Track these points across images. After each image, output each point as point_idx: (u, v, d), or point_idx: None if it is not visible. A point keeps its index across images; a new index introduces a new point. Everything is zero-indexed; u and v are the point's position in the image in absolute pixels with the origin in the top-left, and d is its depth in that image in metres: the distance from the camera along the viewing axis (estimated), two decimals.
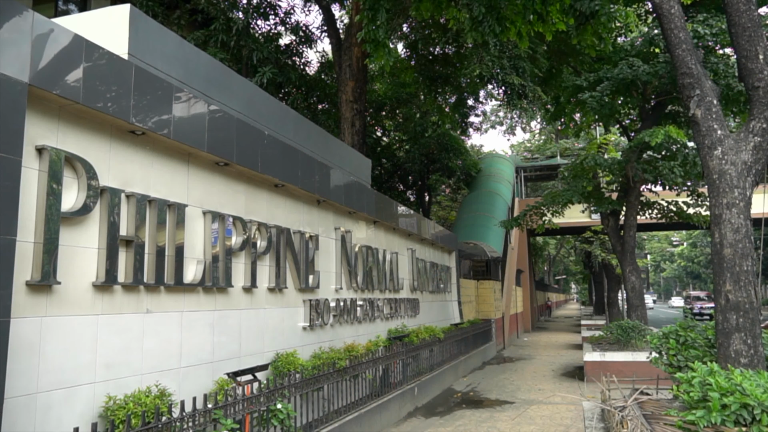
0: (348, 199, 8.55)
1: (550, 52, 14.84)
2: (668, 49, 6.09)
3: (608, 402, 5.57)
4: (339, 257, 8.35)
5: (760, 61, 5.47)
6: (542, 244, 43.31)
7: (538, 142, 38.20)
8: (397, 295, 10.63)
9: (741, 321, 5.13)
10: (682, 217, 14.98)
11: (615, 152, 16.39)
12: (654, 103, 13.58)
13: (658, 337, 6.10)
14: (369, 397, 7.68)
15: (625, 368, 10.61)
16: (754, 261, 5.34)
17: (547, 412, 8.88)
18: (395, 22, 11.67)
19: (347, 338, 8.23)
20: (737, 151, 5.48)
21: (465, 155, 23.74)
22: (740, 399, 4.12)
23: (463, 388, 11.33)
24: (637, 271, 13.69)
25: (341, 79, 14.14)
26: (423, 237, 12.60)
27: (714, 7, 12.51)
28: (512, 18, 8.67)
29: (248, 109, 6.94)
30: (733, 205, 5.36)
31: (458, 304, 15.47)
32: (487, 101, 27.11)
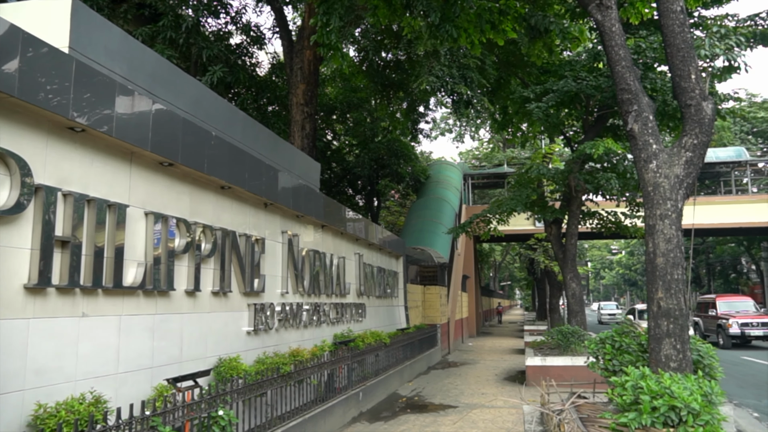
0: (296, 202, 8.49)
1: (499, 63, 15.19)
2: (609, 65, 6.35)
3: (547, 405, 5.73)
4: (286, 261, 8.27)
5: (692, 81, 5.78)
6: (488, 251, 44.15)
7: (486, 150, 38.96)
8: (343, 300, 10.61)
9: (671, 327, 5.38)
10: (619, 227, 15.59)
11: (559, 162, 16.93)
12: (596, 116, 14.09)
13: (595, 343, 6.32)
14: (313, 403, 7.62)
15: (565, 372, 10.93)
16: (684, 270, 5.62)
17: (489, 415, 9.04)
18: (347, 29, 11.69)
19: (293, 343, 8.15)
20: (671, 165, 5.76)
21: (414, 161, 23.97)
22: (669, 401, 4.32)
23: (408, 393, 11.40)
24: (578, 278, 14.14)
25: (292, 81, 14.04)
26: (371, 242, 12.64)
27: (654, 25, 13.13)
28: (465, 26, 8.85)
29: (195, 109, 6.80)
30: (665, 217, 5.63)
31: (405, 309, 15.57)
32: (438, 109, 27.52)
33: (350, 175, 22.65)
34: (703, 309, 24.10)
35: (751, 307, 22.40)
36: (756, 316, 20.93)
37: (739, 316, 21.03)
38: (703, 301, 24.86)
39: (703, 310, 24.04)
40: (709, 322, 22.73)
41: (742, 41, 10.04)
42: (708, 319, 22.97)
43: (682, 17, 5.88)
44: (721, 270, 52.92)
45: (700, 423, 4.26)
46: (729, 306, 22.35)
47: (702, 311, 24.15)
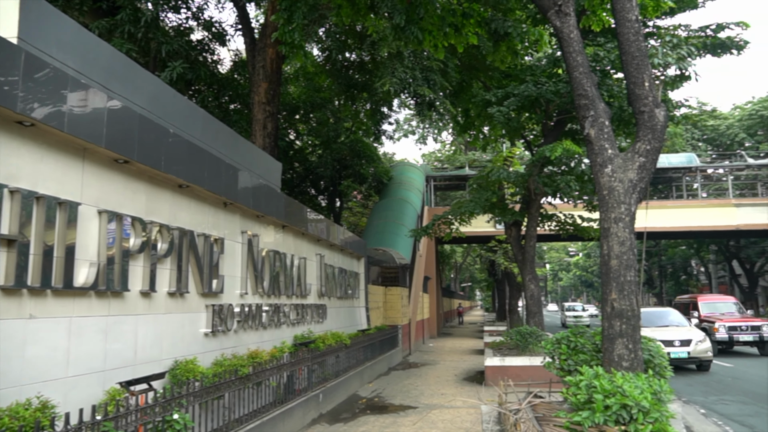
0: (256, 202, 8.38)
1: (461, 66, 15.36)
2: (567, 71, 6.49)
3: (504, 405, 5.81)
4: (245, 261, 8.16)
5: (645, 88, 5.96)
6: (450, 252, 44.56)
7: (448, 152, 39.32)
8: (304, 301, 10.54)
9: (624, 327, 5.53)
10: (577, 229, 15.96)
11: (519, 166, 17.22)
12: (556, 120, 14.40)
13: (551, 343, 6.44)
14: (272, 405, 7.54)
15: (523, 372, 11.11)
16: (636, 272, 5.78)
17: (448, 416, 9.11)
18: (311, 27, 11.63)
19: (252, 344, 8.05)
20: (625, 170, 5.93)
21: (377, 162, 23.99)
22: (620, 400, 4.44)
23: (368, 394, 11.40)
24: (536, 279, 14.41)
25: (254, 79, 13.87)
26: (332, 243, 12.59)
27: (612, 33, 13.49)
28: (429, 29, 8.92)
29: (153, 105, 6.64)
30: (620, 220, 5.78)
31: (366, 310, 15.57)
32: (401, 110, 27.64)
33: (313, 175, 22.52)
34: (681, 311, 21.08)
35: (735, 309, 20.52)
36: (744, 319, 19.11)
37: (726, 319, 19.13)
38: (681, 303, 22.50)
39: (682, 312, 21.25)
40: None
41: (693, 51, 10.42)
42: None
43: (636, 26, 6.05)
44: (673, 272, 54.77)
45: (650, 420, 4.39)
46: (712, 308, 20.43)
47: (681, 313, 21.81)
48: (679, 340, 15.02)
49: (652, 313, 17.66)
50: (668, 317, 17.42)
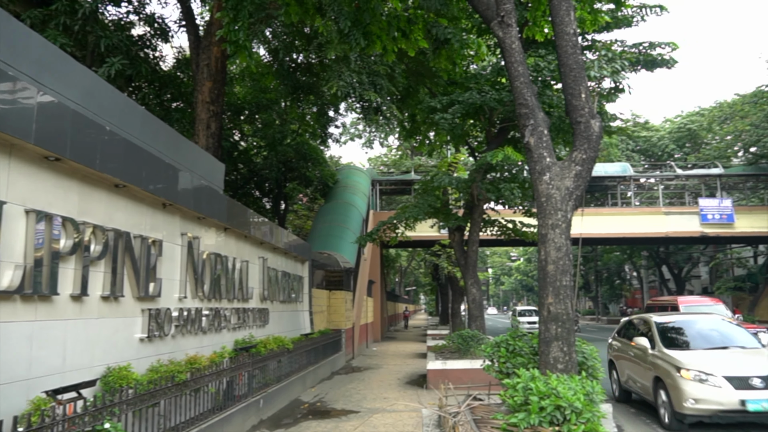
0: (197, 203, 8.19)
1: (408, 72, 15.50)
2: (509, 80, 6.67)
3: (444, 408, 5.88)
4: (185, 264, 7.94)
5: (582, 99, 6.19)
6: (395, 256, 44.81)
7: (394, 157, 39.58)
8: (246, 305, 10.35)
9: (559, 331, 5.71)
10: (518, 234, 16.37)
11: (464, 171, 17.53)
12: (499, 128, 14.73)
13: (491, 346, 6.58)
14: (211, 412, 7.36)
15: (464, 375, 11.29)
16: (572, 276, 5.98)
17: (390, 420, 9.15)
18: (257, 27, 11.45)
19: (190, 350, 7.83)
20: (562, 178, 6.13)
21: (323, 165, 23.88)
22: (555, 401, 4.58)
23: (310, 399, 11.30)
24: (478, 283, 14.67)
25: (198, 78, 13.55)
26: (276, 246, 12.43)
27: (553, 45, 13.94)
28: (378, 33, 8.96)
29: (88, 101, 6.38)
30: (556, 226, 5.97)
31: (310, 314, 15.44)
32: (348, 113, 27.60)
33: (257, 177, 22.18)
34: None
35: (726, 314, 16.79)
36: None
37: None
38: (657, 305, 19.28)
39: None
40: None
41: (626, 65, 10.89)
42: None
43: (574, 40, 6.28)
44: (608, 276, 57.03)
45: (582, 421, 4.55)
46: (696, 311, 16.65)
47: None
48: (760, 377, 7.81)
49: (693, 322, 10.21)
50: (721, 329, 10.01)
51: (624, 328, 11.92)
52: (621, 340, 11.51)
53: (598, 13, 9.98)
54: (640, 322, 10.97)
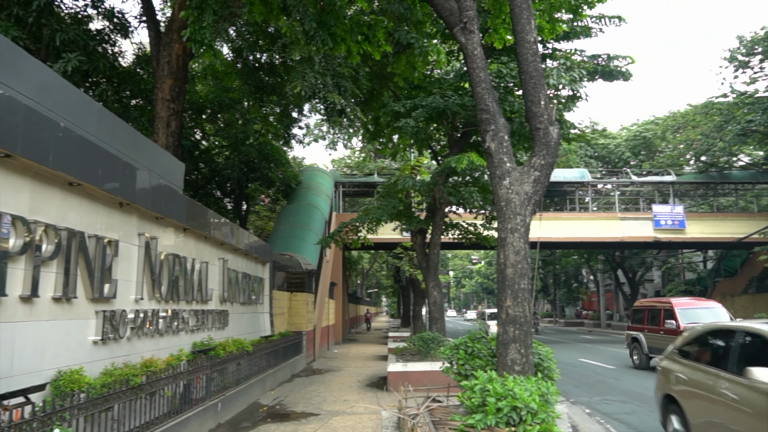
0: (156, 203, 8.02)
1: (372, 74, 15.56)
2: (471, 86, 6.77)
3: (404, 410, 5.92)
4: (142, 265, 7.77)
5: (541, 106, 6.33)
6: (357, 258, 44.79)
7: (358, 159, 39.60)
8: (205, 307, 10.19)
9: (517, 333, 5.82)
10: (479, 238, 16.60)
11: (427, 175, 17.68)
12: (461, 132, 14.92)
13: (450, 348, 6.65)
14: (167, 416, 7.22)
15: (425, 377, 11.36)
16: (530, 280, 6.11)
17: (350, 422, 9.14)
18: (221, 25, 11.32)
19: (146, 352, 7.66)
20: (521, 183, 6.25)
21: (286, 166, 23.72)
22: (511, 402, 4.67)
23: (270, 402, 11.19)
24: (439, 286, 14.81)
25: (158, 75, 13.28)
26: (237, 247, 12.28)
27: (515, 53, 14.21)
28: (342, 35, 8.97)
29: (41, 97, 6.19)
30: (515, 230, 6.09)
31: (270, 316, 15.30)
32: (312, 115, 27.51)
33: (219, 177, 21.87)
34: (647, 320, 17.23)
35: (724, 315, 15.64)
36: None
37: None
38: (648, 308, 17.64)
39: (647, 322, 17.19)
40: (664, 340, 15.17)
41: (584, 75, 11.18)
42: (661, 335, 15.99)
43: (534, 47, 6.42)
44: (566, 280, 58.28)
45: (537, 421, 4.65)
46: (693, 316, 15.53)
47: (645, 323, 17.27)
48: None
49: None
50: None
51: (696, 344, 7.05)
52: (696, 366, 6.55)
53: (556, 22, 10.22)
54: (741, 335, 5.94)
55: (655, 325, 16.53)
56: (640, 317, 17.73)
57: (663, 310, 16.37)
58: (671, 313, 15.83)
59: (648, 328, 16.92)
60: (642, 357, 16.88)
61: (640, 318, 17.70)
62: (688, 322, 15.05)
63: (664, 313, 16.21)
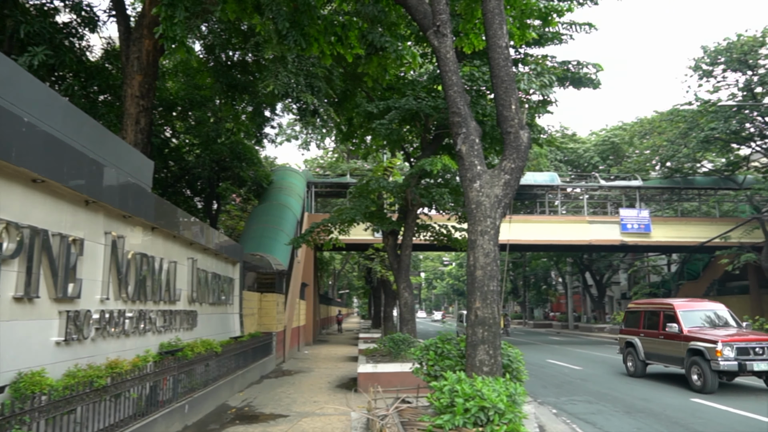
0: (123, 201, 7.88)
1: (346, 75, 15.53)
2: (443, 89, 6.82)
3: (373, 411, 5.93)
4: (108, 264, 7.62)
5: (512, 110, 6.42)
6: (328, 259, 44.63)
7: (330, 159, 39.49)
8: (173, 307, 10.04)
9: (486, 334, 5.88)
10: (450, 240, 16.71)
11: (399, 176, 17.73)
12: (434, 134, 15.01)
13: (420, 349, 6.68)
14: (132, 418, 7.09)
15: (395, 378, 11.39)
16: (499, 282, 6.18)
17: (319, 423, 9.11)
18: (193, 21, 11.16)
19: (111, 354, 7.51)
20: (492, 186, 6.32)
21: (258, 166, 23.51)
22: (479, 403, 4.71)
23: (238, 404, 11.08)
24: (410, 287, 14.86)
25: (128, 71, 13.03)
26: (206, 246, 12.13)
27: (488, 56, 14.34)
28: (315, 36, 8.93)
29: (4, 90, 6.02)
30: (485, 233, 6.15)
31: (240, 317, 15.15)
32: (284, 114, 27.34)
33: (189, 176, 21.55)
34: (643, 323, 15.73)
35: (729, 318, 14.63)
36: (755, 336, 12.86)
37: (729, 336, 12.71)
38: (644, 310, 16.05)
39: (643, 325, 15.71)
40: (664, 345, 14.44)
41: (554, 80, 11.36)
42: (660, 340, 14.66)
43: (506, 52, 6.51)
44: (535, 282, 59.07)
45: (505, 421, 4.71)
46: (696, 319, 14.36)
47: (642, 326, 15.76)
48: None
49: None
50: None
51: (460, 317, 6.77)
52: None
53: (526, 29, 10.36)
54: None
55: (654, 329, 15.04)
56: (635, 320, 16.20)
57: (663, 313, 14.89)
58: (673, 315, 14.33)
59: (645, 332, 15.44)
60: (638, 363, 15.50)
61: (635, 321, 16.18)
62: (692, 325, 13.94)
63: (664, 316, 14.76)
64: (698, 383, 12.80)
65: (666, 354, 14.35)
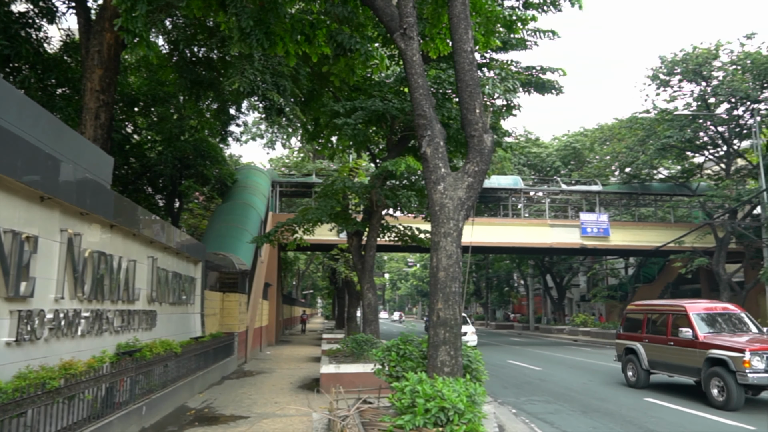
0: (81, 198, 7.68)
1: (313, 75, 15.46)
2: (409, 91, 6.87)
3: (334, 412, 5.92)
4: (64, 263, 7.41)
5: (476, 114, 6.50)
6: (293, 259, 44.33)
7: (296, 159, 39.22)
8: (131, 307, 9.83)
9: (447, 335, 5.95)
10: (415, 240, 16.80)
11: (364, 177, 17.74)
12: (400, 136, 15.08)
13: (382, 350, 6.71)
14: (87, 420, 6.91)
15: (357, 379, 11.39)
16: (461, 283, 6.26)
17: (280, 424, 9.05)
18: (156, 15, 10.95)
19: (66, 354, 7.31)
20: (455, 188, 6.40)
21: (222, 164, 23.20)
22: (440, 403, 4.77)
23: (198, 405, 10.91)
24: (374, 288, 14.89)
25: (88, 64, 12.70)
26: (168, 245, 11.91)
27: (453, 60, 14.49)
28: (281, 34, 8.86)
29: None
30: (448, 234, 6.22)
31: (201, 317, 14.92)
32: (250, 113, 27.01)
33: (151, 173, 21.12)
34: (646, 328, 13.86)
35: (748, 322, 12.77)
36: None
37: (759, 344, 10.83)
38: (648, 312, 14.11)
39: (647, 330, 13.82)
40: (674, 353, 12.55)
41: (517, 85, 11.56)
42: (669, 347, 12.76)
43: (471, 57, 6.59)
44: (498, 284, 59.86)
45: (464, 421, 4.77)
46: (712, 323, 12.45)
47: (645, 330, 13.87)
48: None
49: None
50: None
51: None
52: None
53: (491, 35, 10.51)
54: None
55: (660, 334, 13.20)
56: (637, 324, 14.29)
57: (671, 315, 13.03)
58: (686, 319, 12.43)
59: (649, 338, 13.58)
60: (640, 373, 13.59)
61: (637, 324, 14.28)
62: (708, 330, 12.11)
63: (673, 319, 12.90)
64: (719, 399, 10.96)
65: (676, 363, 12.52)
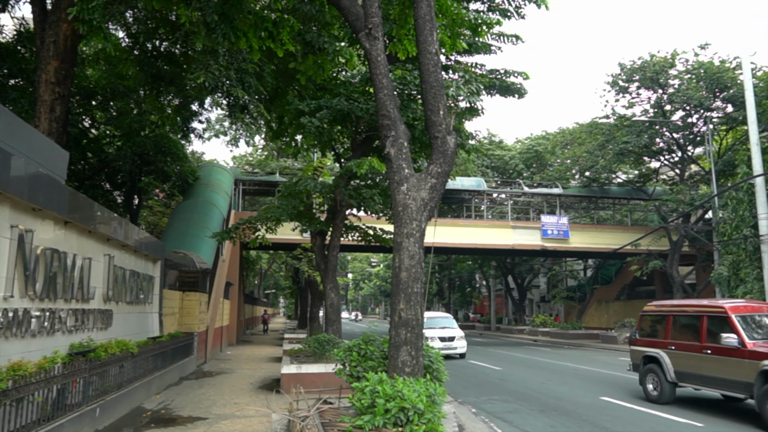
0: (33, 193, 7.43)
1: (278, 72, 15.32)
2: (374, 92, 6.87)
3: (294, 413, 5.88)
4: (14, 260, 7.15)
5: (440, 116, 6.56)
6: (255, 258, 43.84)
7: (260, 157, 38.79)
8: (86, 306, 9.55)
9: (409, 336, 5.97)
10: (378, 240, 16.82)
11: (329, 176, 17.66)
12: (365, 136, 15.05)
13: (343, 350, 6.70)
14: (36, 423, 6.68)
15: (319, 379, 11.34)
16: (423, 284, 6.29)
17: (239, 425, 8.93)
18: (115, 7, 10.67)
19: (15, 355, 7.05)
20: (418, 189, 6.43)
21: (183, 161, 22.77)
22: (399, 403, 4.78)
23: (154, 406, 10.68)
24: (337, 288, 14.84)
25: (43, 55, 12.28)
26: (125, 243, 11.63)
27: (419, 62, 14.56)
28: (245, 30, 8.76)
29: None
30: (411, 235, 6.25)
31: (159, 316, 14.61)
32: (213, 109, 26.61)
33: (109, 169, 20.57)
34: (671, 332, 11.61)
35: None
36: None
37: None
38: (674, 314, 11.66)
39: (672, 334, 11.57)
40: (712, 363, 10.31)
41: (481, 88, 11.69)
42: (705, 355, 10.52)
43: (436, 58, 6.64)
44: (460, 284, 60.46)
45: (424, 421, 4.80)
46: (761, 326, 10.19)
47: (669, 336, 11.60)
48: None
49: None
50: None
51: None
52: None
53: (457, 38, 10.61)
54: None
55: (693, 341, 10.92)
56: (659, 327, 11.93)
57: (707, 318, 10.70)
58: (727, 322, 10.14)
59: (677, 344, 11.27)
60: (664, 386, 11.33)
61: (660, 328, 11.91)
62: (757, 337, 9.81)
63: (709, 323, 10.62)
64: None
65: (714, 375, 10.26)
